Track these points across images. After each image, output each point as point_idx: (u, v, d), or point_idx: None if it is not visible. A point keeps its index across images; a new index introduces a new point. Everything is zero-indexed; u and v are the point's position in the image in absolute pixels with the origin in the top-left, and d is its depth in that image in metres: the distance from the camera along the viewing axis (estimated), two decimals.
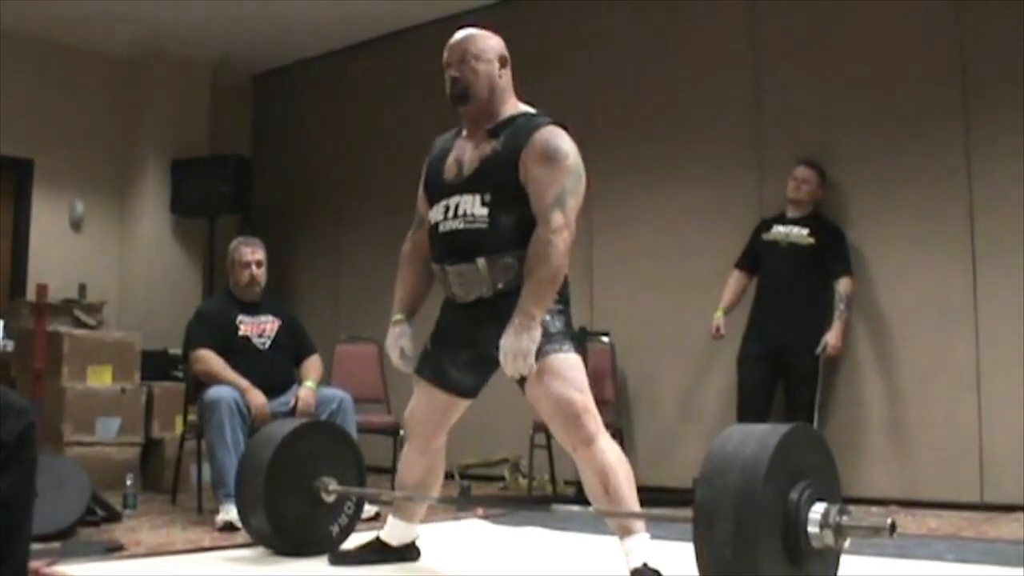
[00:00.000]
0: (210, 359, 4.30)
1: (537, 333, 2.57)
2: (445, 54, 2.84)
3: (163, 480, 5.34)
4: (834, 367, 4.84)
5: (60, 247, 6.80)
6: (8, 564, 2.10)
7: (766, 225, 4.96)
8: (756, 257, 4.97)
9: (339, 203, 7.14)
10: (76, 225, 6.95)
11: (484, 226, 2.68)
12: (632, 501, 2.56)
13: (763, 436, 2.10)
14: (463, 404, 2.90)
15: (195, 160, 6.96)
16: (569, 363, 2.65)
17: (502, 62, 2.82)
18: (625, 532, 2.55)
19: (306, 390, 4.35)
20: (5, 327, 5.80)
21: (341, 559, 3.02)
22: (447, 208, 2.76)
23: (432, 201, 2.85)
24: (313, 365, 4.55)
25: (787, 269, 4.82)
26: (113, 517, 4.10)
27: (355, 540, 3.15)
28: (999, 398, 4.45)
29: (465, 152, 2.79)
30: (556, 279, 2.61)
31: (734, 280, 5.02)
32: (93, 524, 3.93)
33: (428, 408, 2.89)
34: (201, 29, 6.80)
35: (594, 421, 2.60)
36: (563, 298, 2.73)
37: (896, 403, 4.77)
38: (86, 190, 6.97)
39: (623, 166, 5.66)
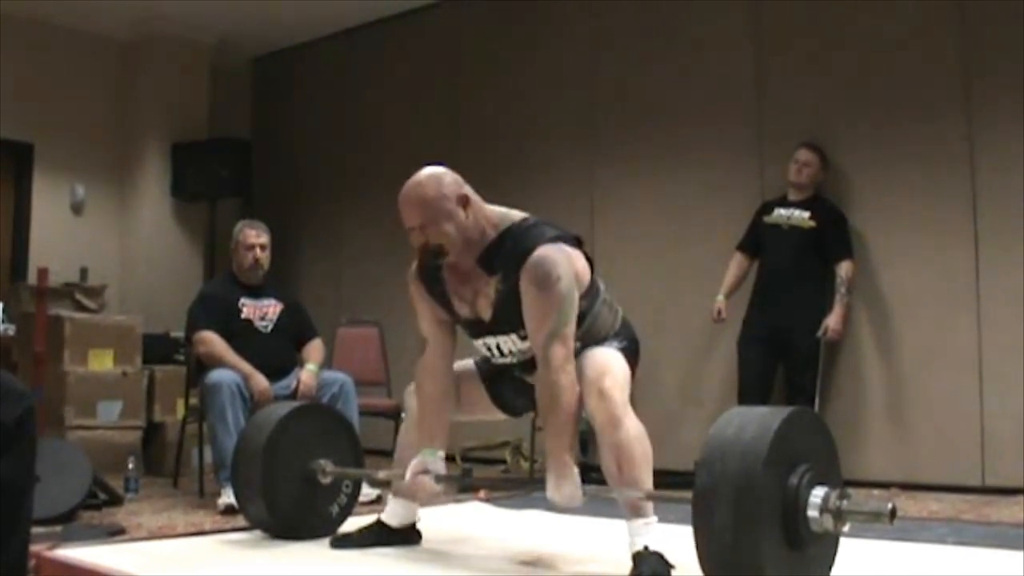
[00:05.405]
0: (213, 341, 4.30)
1: (575, 476, 2.55)
2: (402, 213, 2.61)
3: (165, 464, 5.35)
4: (835, 350, 4.84)
5: (61, 231, 6.79)
6: (9, 547, 2.10)
7: (768, 208, 4.95)
8: (757, 240, 4.96)
9: (340, 186, 7.12)
10: (77, 209, 6.94)
11: (532, 354, 2.66)
12: (646, 482, 2.57)
13: (763, 420, 2.10)
14: (499, 416, 2.95)
15: (195, 143, 6.95)
16: (606, 351, 2.73)
17: (462, 201, 2.58)
18: (632, 513, 2.56)
19: (307, 373, 4.35)
20: (6, 311, 5.77)
21: (343, 542, 3.03)
22: (488, 347, 2.77)
23: (456, 325, 2.80)
24: (315, 348, 4.55)
25: (788, 252, 4.81)
26: (115, 501, 4.11)
27: (357, 523, 3.15)
28: (1000, 381, 4.45)
29: (465, 292, 2.70)
30: (572, 416, 2.56)
31: (735, 263, 5.02)
32: (95, 508, 3.95)
33: (467, 388, 2.90)
34: (201, 11, 6.77)
35: (619, 395, 2.61)
36: (619, 325, 2.89)
37: (897, 386, 4.77)
38: (86, 174, 6.96)
39: (624, 149, 5.64)
